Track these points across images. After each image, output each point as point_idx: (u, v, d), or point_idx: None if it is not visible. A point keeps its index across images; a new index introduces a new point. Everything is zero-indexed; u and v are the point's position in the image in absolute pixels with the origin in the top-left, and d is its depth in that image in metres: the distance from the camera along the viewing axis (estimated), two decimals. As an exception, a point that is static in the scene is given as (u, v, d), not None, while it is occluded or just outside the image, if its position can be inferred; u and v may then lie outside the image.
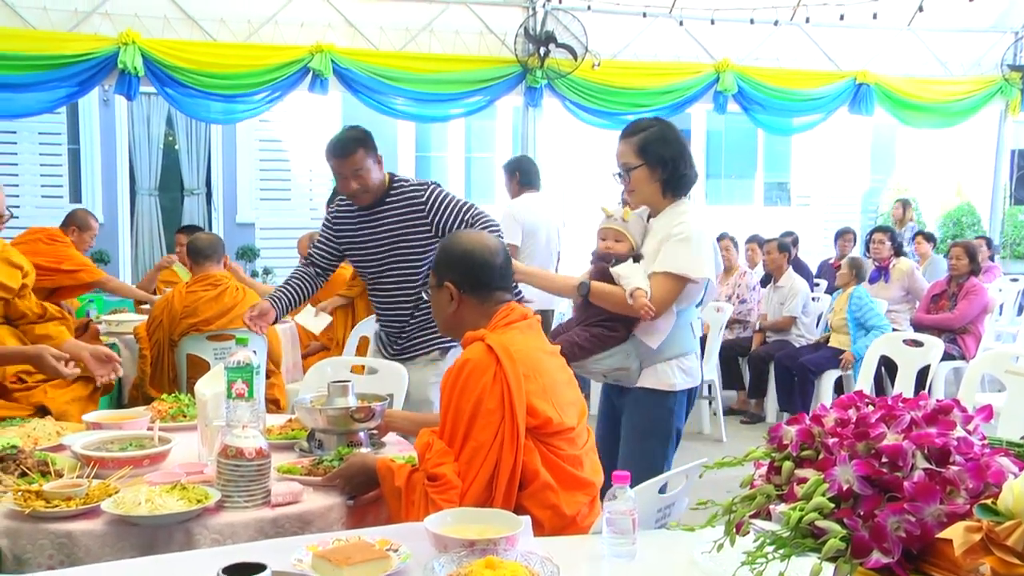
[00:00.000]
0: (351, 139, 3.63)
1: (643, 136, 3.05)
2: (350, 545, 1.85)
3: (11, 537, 2.09)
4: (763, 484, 1.59)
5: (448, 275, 2.46)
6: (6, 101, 7.25)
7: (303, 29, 7.36)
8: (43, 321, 3.42)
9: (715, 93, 8.30)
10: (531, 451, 2.23)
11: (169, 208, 10.92)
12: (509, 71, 7.79)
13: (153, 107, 10.41)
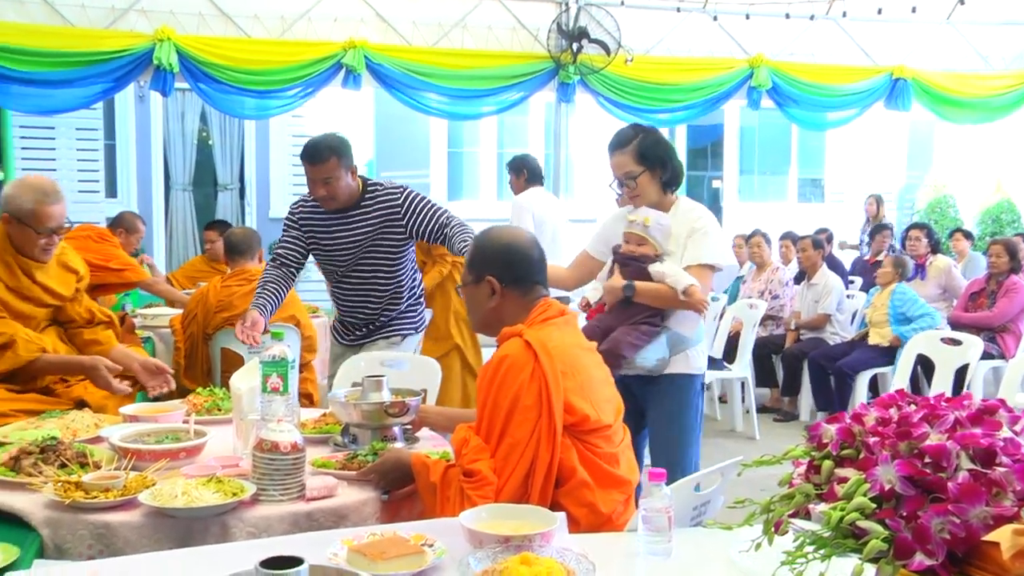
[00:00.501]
0: (326, 146, 3.65)
1: (637, 143, 3.32)
2: (385, 540, 1.85)
3: (52, 527, 2.12)
4: (802, 483, 1.57)
5: (489, 269, 2.44)
6: (45, 97, 7.33)
7: (336, 25, 7.38)
8: (91, 326, 3.44)
9: (749, 88, 8.23)
10: (568, 448, 2.22)
11: (202, 203, 11.01)
12: (542, 67, 7.76)
13: (187, 103, 10.49)
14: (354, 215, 3.77)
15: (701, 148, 14.45)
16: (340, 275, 3.89)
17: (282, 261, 3.86)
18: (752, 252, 7.82)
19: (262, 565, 1.35)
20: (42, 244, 3.21)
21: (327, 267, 3.97)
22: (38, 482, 2.27)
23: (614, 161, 3.38)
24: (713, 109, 8.61)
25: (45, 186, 3.21)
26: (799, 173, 12.99)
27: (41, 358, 3.12)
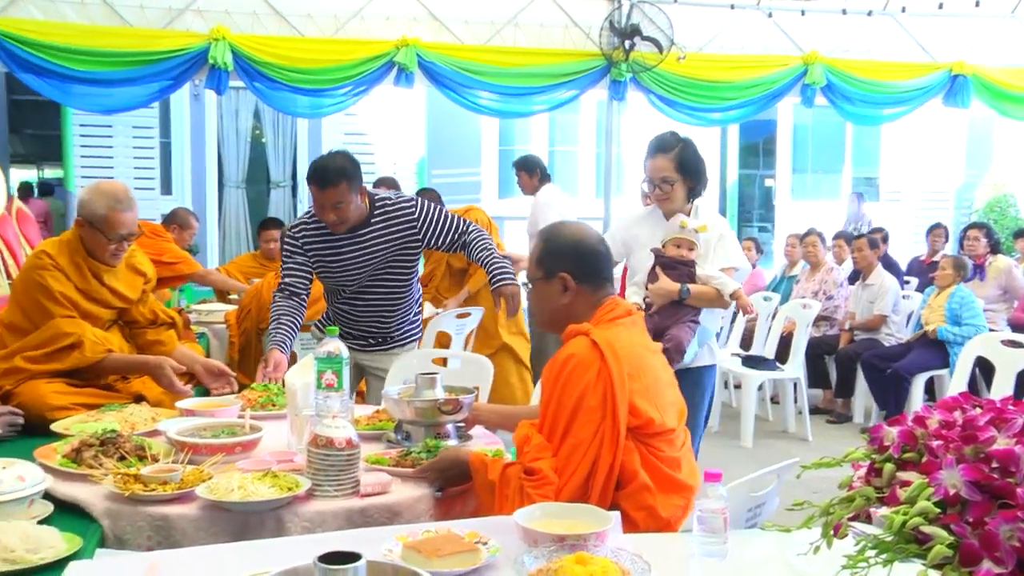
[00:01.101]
0: (335, 170, 3.46)
1: (678, 152, 3.56)
2: (440, 537, 1.86)
3: (112, 518, 2.16)
4: (862, 486, 1.55)
5: (561, 266, 2.42)
6: (104, 96, 7.47)
7: (389, 23, 7.42)
8: (154, 327, 3.49)
9: (803, 86, 8.11)
10: (630, 451, 2.20)
11: (255, 200, 11.14)
12: (594, 65, 7.73)
13: (241, 101, 10.62)
14: (364, 234, 3.61)
15: (753, 145, 14.29)
16: (349, 294, 3.74)
17: (291, 291, 3.67)
18: (807, 252, 7.72)
19: (321, 560, 1.36)
20: (112, 249, 3.26)
21: (336, 287, 3.78)
22: (99, 474, 2.32)
23: (655, 164, 3.58)
24: (767, 108, 8.51)
25: (118, 193, 3.25)
26: (853, 172, 12.79)
27: (107, 358, 3.17)
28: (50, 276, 3.20)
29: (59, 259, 3.25)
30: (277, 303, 3.67)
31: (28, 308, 3.21)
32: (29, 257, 3.39)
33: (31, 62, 6.90)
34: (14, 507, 2.07)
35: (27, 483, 2.12)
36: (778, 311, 7.13)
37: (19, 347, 3.12)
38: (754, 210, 15.21)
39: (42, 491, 2.18)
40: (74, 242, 3.29)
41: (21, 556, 1.84)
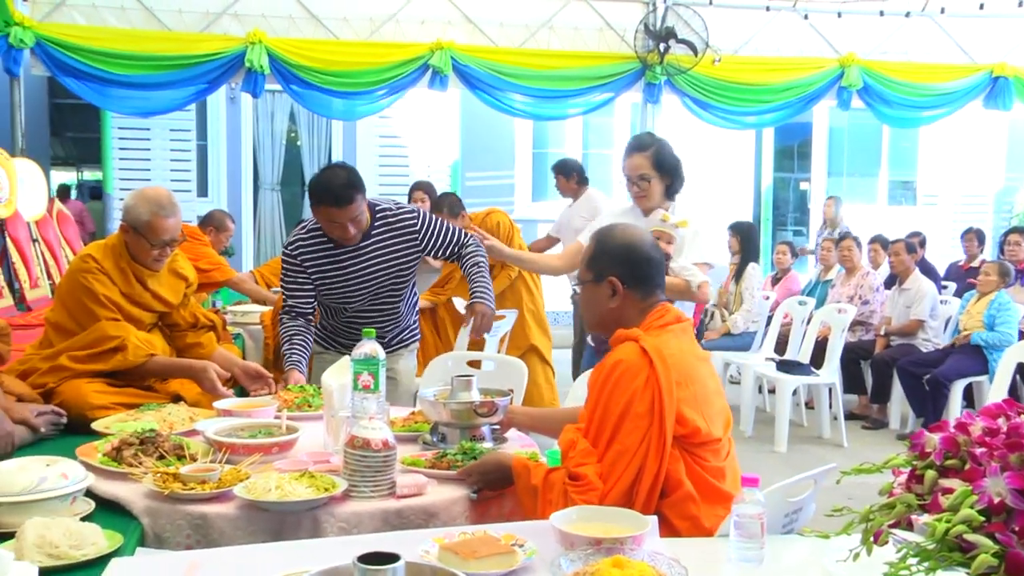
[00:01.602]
0: (348, 186, 3.37)
1: (655, 150, 3.69)
2: (476, 539, 1.86)
3: (152, 516, 2.19)
4: (903, 493, 1.53)
5: (611, 269, 2.39)
6: (142, 99, 7.58)
7: (423, 26, 7.45)
8: (194, 330, 3.52)
9: (839, 89, 8.05)
10: (676, 460, 2.18)
11: (290, 202, 11.24)
12: (628, 67, 7.72)
13: (277, 104, 10.72)
14: (366, 246, 3.54)
15: (787, 148, 14.19)
16: (355, 306, 3.65)
17: (297, 312, 3.58)
18: (842, 256, 7.64)
19: (360, 560, 1.37)
20: (155, 255, 3.30)
21: (335, 302, 3.67)
22: (138, 472, 2.34)
23: (632, 162, 3.71)
24: (802, 111, 8.46)
25: (162, 198, 3.28)
26: (890, 175, 12.66)
27: (151, 361, 3.21)
28: (95, 280, 3.25)
29: (104, 263, 3.30)
30: (285, 324, 3.59)
31: (74, 310, 3.26)
32: (75, 260, 3.44)
33: (72, 66, 7.02)
34: (57, 504, 2.10)
35: (70, 481, 2.15)
36: (813, 315, 7.07)
37: (65, 347, 3.17)
38: (788, 214, 15.10)
39: (84, 489, 2.21)
40: (119, 247, 3.34)
41: (65, 552, 1.86)
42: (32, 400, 2.97)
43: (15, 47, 6.81)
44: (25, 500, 2.06)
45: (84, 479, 2.21)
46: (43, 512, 2.04)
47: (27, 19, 6.86)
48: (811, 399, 7.19)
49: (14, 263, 6.16)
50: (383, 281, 3.59)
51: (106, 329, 3.16)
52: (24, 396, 2.97)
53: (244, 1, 7.29)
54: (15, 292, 6.07)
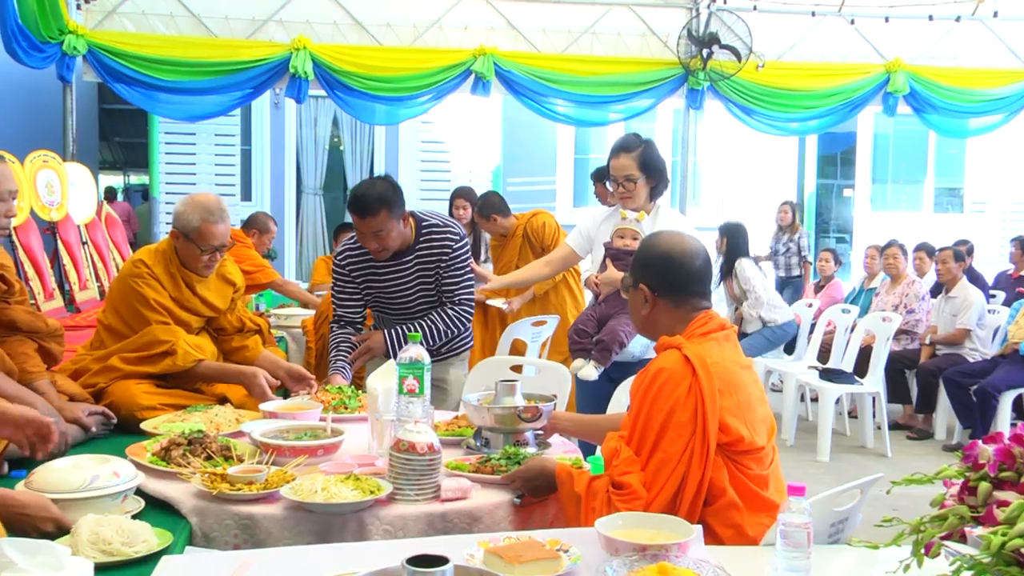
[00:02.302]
0: (376, 198, 3.37)
1: (640, 152, 3.66)
2: (521, 543, 1.86)
3: (200, 515, 2.22)
4: (955, 504, 1.51)
5: (644, 276, 2.40)
6: (189, 105, 7.70)
7: (467, 32, 7.49)
8: (240, 334, 3.55)
9: (885, 94, 7.96)
10: (719, 468, 2.17)
11: (332, 207, 11.32)
12: (671, 73, 7.70)
13: (320, 109, 10.82)
14: (407, 261, 3.55)
15: (831, 156, 14.05)
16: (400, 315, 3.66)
17: (346, 321, 3.64)
18: (887, 264, 7.55)
19: (409, 562, 1.38)
20: (205, 261, 3.34)
21: (383, 311, 3.70)
22: (187, 472, 2.38)
23: (618, 162, 3.69)
24: (848, 117, 8.37)
25: (211, 205, 3.31)
26: (936, 182, 12.48)
27: (201, 365, 3.25)
28: (146, 285, 3.30)
29: (155, 268, 3.35)
30: (333, 332, 3.64)
31: (125, 313, 3.32)
32: (126, 264, 3.49)
33: (122, 72, 7.15)
34: (109, 502, 2.15)
35: (121, 479, 2.20)
36: (857, 324, 6.99)
37: (117, 348, 3.23)
38: (832, 221, 14.95)
39: (135, 487, 2.25)
40: (169, 252, 3.39)
41: (118, 549, 1.90)
42: (83, 400, 3.03)
43: (68, 54, 6.95)
44: (79, 498, 2.11)
45: (135, 478, 2.25)
46: (95, 509, 2.08)
47: (80, 27, 7.00)
48: (854, 408, 7.11)
49: (65, 265, 6.28)
50: (426, 294, 3.61)
51: (157, 333, 3.21)
52: (76, 396, 3.03)
53: (289, 8, 7.38)
54: (65, 294, 6.18)
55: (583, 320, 3.71)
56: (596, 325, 3.63)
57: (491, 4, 7.54)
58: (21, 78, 7.89)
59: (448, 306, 3.59)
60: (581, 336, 3.65)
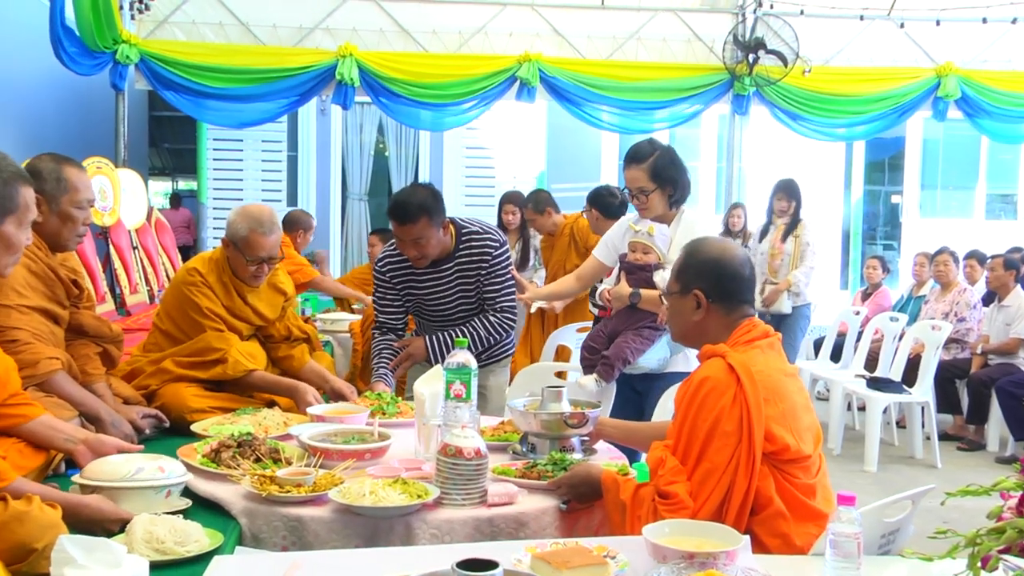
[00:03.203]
0: (416, 205, 3.35)
1: (653, 161, 3.51)
2: (568, 549, 1.86)
3: (249, 516, 2.25)
4: (1013, 517, 1.49)
5: (697, 282, 2.38)
6: (237, 112, 7.81)
7: (512, 39, 7.52)
8: (288, 342, 3.58)
9: (935, 99, 7.85)
10: (765, 477, 2.15)
11: (377, 212, 11.39)
12: (716, 79, 7.66)
13: (366, 115, 10.89)
14: (446, 269, 3.55)
15: (879, 161, 13.87)
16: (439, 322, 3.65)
17: (387, 327, 3.65)
18: (938, 271, 7.43)
19: (458, 566, 1.38)
20: (252, 271, 3.37)
21: (424, 318, 3.70)
22: (237, 474, 2.41)
23: (629, 175, 3.56)
24: (897, 123, 8.27)
25: (263, 216, 3.34)
26: (988, 188, 12.26)
27: (252, 375, 3.30)
28: (199, 292, 3.35)
29: (208, 277, 3.40)
30: (376, 339, 3.66)
31: (179, 319, 3.38)
32: (180, 271, 3.55)
33: (172, 80, 7.27)
34: (152, 495, 2.21)
35: (166, 474, 2.25)
36: (905, 332, 6.89)
37: (172, 352, 3.29)
38: (879, 228, 14.75)
39: (180, 484, 2.29)
40: (221, 261, 3.44)
41: (171, 548, 1.94)
42: (137, 402, 3.09)
43: (121, 63, 7.09)
44: (122, 487, 2.18)
45: (181, 475, 2.30)
46: (138, 500, 2.16)
47: (133, 36, 7.13)
48: (902, 418, 7.00)
49: (116, 269, 6.40)
50: (466, 301, 3.60)
51: (210, 340, 3.26)
52: (130, 399, 3.09)
53: (336, 15, 7.46)
54: (116, 297, 6.29)
55: (593, 336, 3.63)
56: (606, 341, 3.55)
57: (536, 10, 7.55)
58: (76, 87, 8.06)
59: (490, 313, 3.58)
60: (591, 352, 3.58)
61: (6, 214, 2.13)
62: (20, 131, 7.45)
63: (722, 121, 9.24)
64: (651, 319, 3.46)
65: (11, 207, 2.14)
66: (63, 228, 2.84)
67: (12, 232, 2.15)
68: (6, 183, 2.12)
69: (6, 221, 2.13)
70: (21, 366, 2.55)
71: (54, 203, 2.80)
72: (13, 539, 1.82)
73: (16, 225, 2.16)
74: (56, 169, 2.81)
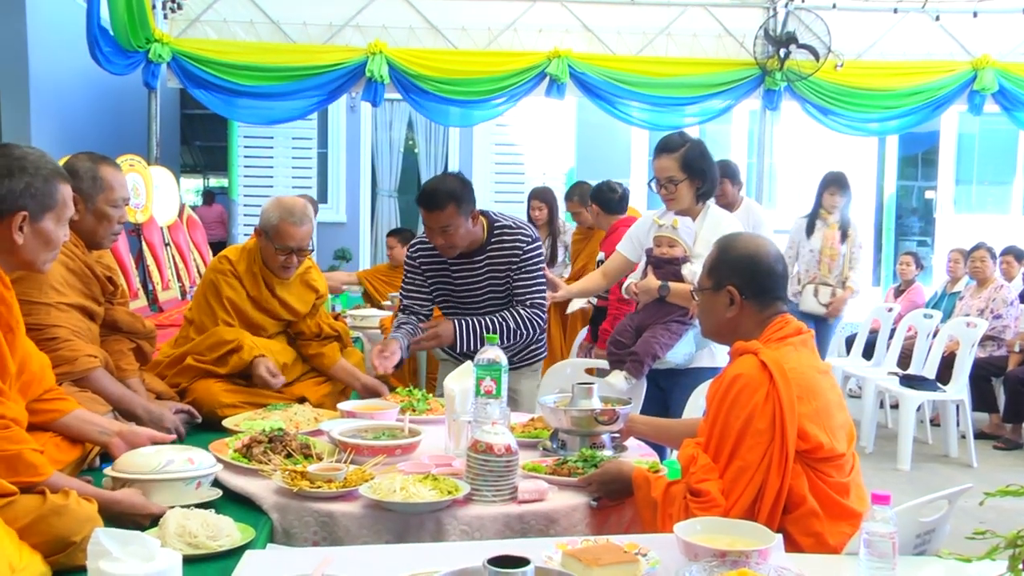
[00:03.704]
0: (445, 192, 3.32)
1: (684, 152, 3.49)
2: (599, 546, 1.86)
3: (281, 512, 2.26)
4: (1054, 517, 1.46)
5: (731, 279, 2.35)
6: (267, 109, 7.84)
7: (541, 35, 7.50)
8: (319, 340, 3.59)
9: (971, 92, 7.73)
10: (798, 475, 2.13)
11: (406, 209, 11.40)
12: (747, 74, 7.60)
13: (395, 112, 10.92)
14: (477, 261, 3.51)
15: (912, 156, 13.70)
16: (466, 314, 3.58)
17: (412, 311, 3.64)
18: (974, 267, 7.33)
19: (490, 563, 1.38)
20: (281, 261, 3.38)
21: (451, 310, 3.65)
22: (268, 469, 2.42)
23: (659, 164, 3.54)
24: (931, 117, 8.13)
25: (294, 207, 3.37)
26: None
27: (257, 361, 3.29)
28: (224, 281, 3.39)
29: (238, 266, 3.43)
30: (398, 319, 3.65)
31: (200, 305, 3.44)
32: (213, 259, 3.59)
33: (203, 79, 7.32)
34: (182, 487, 2.24)
35: (195, 466, 2.28)
36: (939, 329, 6.81)
37: (190, 348, 3.32)
38: (913, 223, 14.57)
39: (210, 475, 2.32)
40: (253, 251, 3.46)
41: (203, 542, 1.95)
42: (170, 398, 3.13)
43: (154, 62, 7.15)
44: (152, 479, 2.21)
45: (211, 467, 2.32)
46: (168, 491, 2.19)
47: (165, 35, 7.19)
48: (936, 416, 6.92)
49: (148, 266, 6.46)
50: (495, 295, 3.56)
51: (222, 334, 3.29)
52: (163, 394, 3.13)
53: (366, 13, 7.47)
54: (148, 293, 6.35)
55: (620, 331, 3.57)
56: (634, 335, 3.50)
57: (565, 6, 7.53)
58: (109, 85, 8.14)
59: (521, 307, 3.53)
60: (618, 347, 3.53)
61: (45, 211, 2.15)
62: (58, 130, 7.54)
63: (752, 116, 9.17)
64: (679, 313, 3.45)
65: (50, 204, 2.16)
66: (99, 226, 2.88)
67: (51, 228, 2.18)
68: (46, 180, 2.15)
69: (45, 218, 2.16)
70: (60, 362, 2.59)
71: (90, 201, 2.83)
72: (52, 532, 1.85)
73: (55, 222, 2.19)
74: (92, 168, 2.85)
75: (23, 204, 2.09)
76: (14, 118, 7.18)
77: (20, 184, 2.09)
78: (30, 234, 2.13)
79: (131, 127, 8.41)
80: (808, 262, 6.60)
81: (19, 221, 2.09)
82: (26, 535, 1.83)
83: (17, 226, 2.09)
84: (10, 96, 7.23)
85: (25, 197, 2.10)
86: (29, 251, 2.14)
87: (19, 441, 1.98)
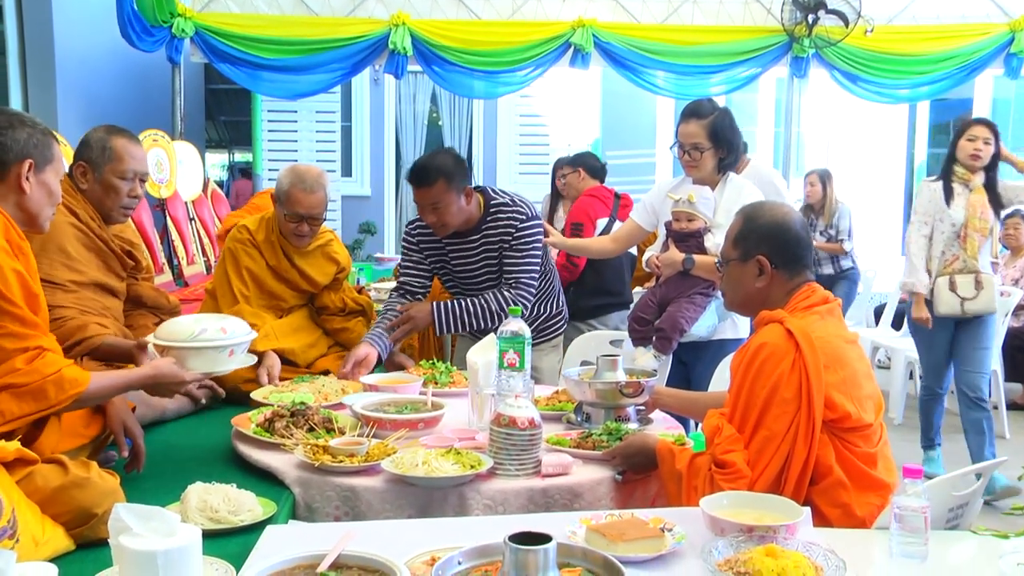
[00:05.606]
0: (434, 168, 3.25)
1: (713, 120, 3.42)
2: (624, 521, 1.83)
3: (303, 486, 2.25)
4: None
5: (760, 248, 2.31)
6: (291, 83, 7.81)
7: (565, 4, 7.39)
8: (343, 314, 3.58)
9: (1008, 55, 7.54)
10: (825, 445, 2.10)
11: (430, 182, 11.38)
12: (774, 41, 7.45)
13: (419, 85, 10.86)
14: (474, 240, 3.44)
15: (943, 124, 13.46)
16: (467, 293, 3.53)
17: (406, 290, 3.56)
18: (1007, 235, 7.19)
19: (511, 539, 1.36)
20: (292, 228, 3.37)
21: (451, 287, 3.62)
22: (290, 443, 2.42)
23: (686, 129, 3.46)
24: (964, 81, 7.95)
25: (307, 174, 3.35)
26: (1061, 150, 11.84)
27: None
28: (243, 250, 3.40)
29: (256, 235, 3.43)
30: (389, 300, 3.58)
31: (218, 274, 3.48)
32: (232, 229, 3.58)
33: (227, 53, 7.30)
34: (215, 354, 2.35)
35: (228, 335, 2.37)
36: (972, 299, 6.69)
37: None
38: (944, 191, 14.34)
39: (244, 343, 2.40)
40: (272, 220, 3.46)
41: (224, 517, 1.95)
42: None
43: (177, 36, 7.13)
44: (187, 346, 2.31)
45: (244, 335, 2.42)
46: (202, 359, 2.32)
47: (188, 10, 7.16)
48: (968, 387, 6.82)
49: (173, 240, 6.48)
50: (492, 273, 3.49)
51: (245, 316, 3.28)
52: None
53: (389, -16, 7.41)
54: (174, 268, 6.38)
55: (642, 306, 3.50)
56: (656, 310, 3.45)
57: (589, -26, 7.43)
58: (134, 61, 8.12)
59: (506, 288, 3.43)
60: (641, 324, 3.48)
61: (46, 163, 2.22)
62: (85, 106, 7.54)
63: (779, 85, 9.02)
64: (702, 285, 3.42)
65: (50, 156, 2.23)
66: (106, 198, 2.85)
67: (52, 181, 2.24)
68: (44, 134, 2.22)
69: (47, 169, 2.22)
70: (68, 335, 2.59)
71: (97, 171, 2.82)
72: (74, 503, 1.85)
73: (54, 175, 2.25)
74: (104, 138, 2.84)
75: (28, 152, 2.16)
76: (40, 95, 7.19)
77: (23, 134, 2.16)
78: (35, 184, 2.18)
79: (156, 103, 8.41)
80: (948, 240, 4.83)
81: (26, 169, 2.15)
82: (48, 506, 1.84)
83: (24, 174, 2.15)
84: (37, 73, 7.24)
85: (29, 147, 2.16)
86: (35, 202, 2.20)
87: (56, 364, 2.04)
